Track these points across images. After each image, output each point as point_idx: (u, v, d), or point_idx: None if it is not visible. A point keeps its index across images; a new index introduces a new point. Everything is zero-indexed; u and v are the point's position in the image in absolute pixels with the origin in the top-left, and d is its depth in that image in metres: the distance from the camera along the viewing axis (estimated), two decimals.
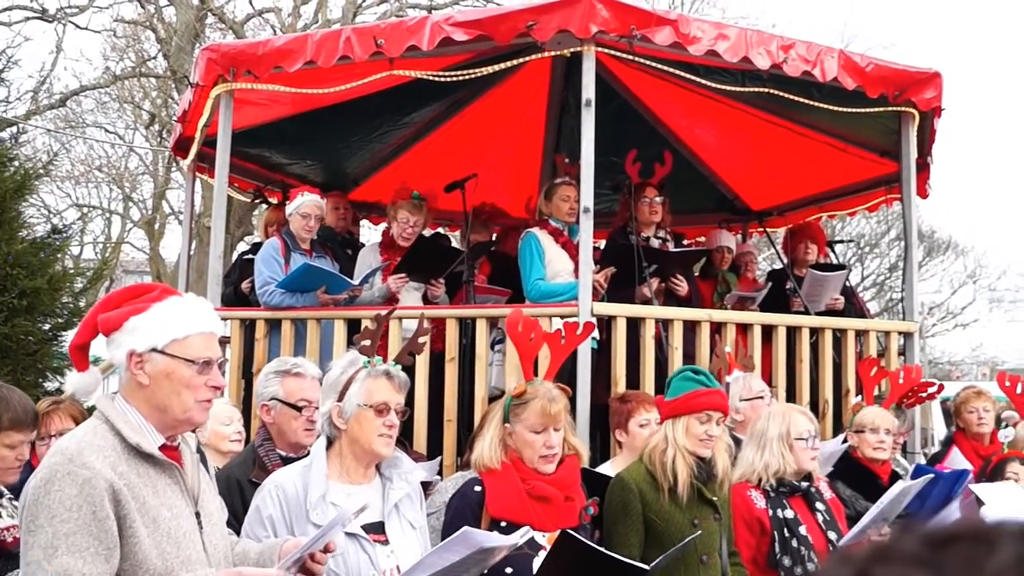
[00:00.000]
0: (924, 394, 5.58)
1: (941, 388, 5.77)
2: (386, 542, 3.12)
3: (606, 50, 5.25)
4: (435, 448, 5.24)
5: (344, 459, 3.16)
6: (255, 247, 6.90)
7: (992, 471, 4.53)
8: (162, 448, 2.51)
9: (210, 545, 2.58)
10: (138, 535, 2.37)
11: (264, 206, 7.89)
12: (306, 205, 6.09)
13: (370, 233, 10.11)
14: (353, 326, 5.48)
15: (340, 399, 3.13)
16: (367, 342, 3.36)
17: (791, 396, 5.60)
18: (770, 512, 4.02)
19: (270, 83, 5.71)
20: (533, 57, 5.43)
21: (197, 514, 2.57)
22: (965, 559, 0.56)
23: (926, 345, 35.19)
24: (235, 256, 8.59)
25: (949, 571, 0.55)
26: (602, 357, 5.42)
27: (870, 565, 0.56)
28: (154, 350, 2.50)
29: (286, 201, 6.46)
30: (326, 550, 2.78)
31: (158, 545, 2.41)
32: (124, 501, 2.36)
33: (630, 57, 5.25)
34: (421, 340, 3.64)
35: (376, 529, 3.12)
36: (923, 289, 35.59)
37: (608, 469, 4.58)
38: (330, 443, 3.19)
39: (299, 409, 3.82)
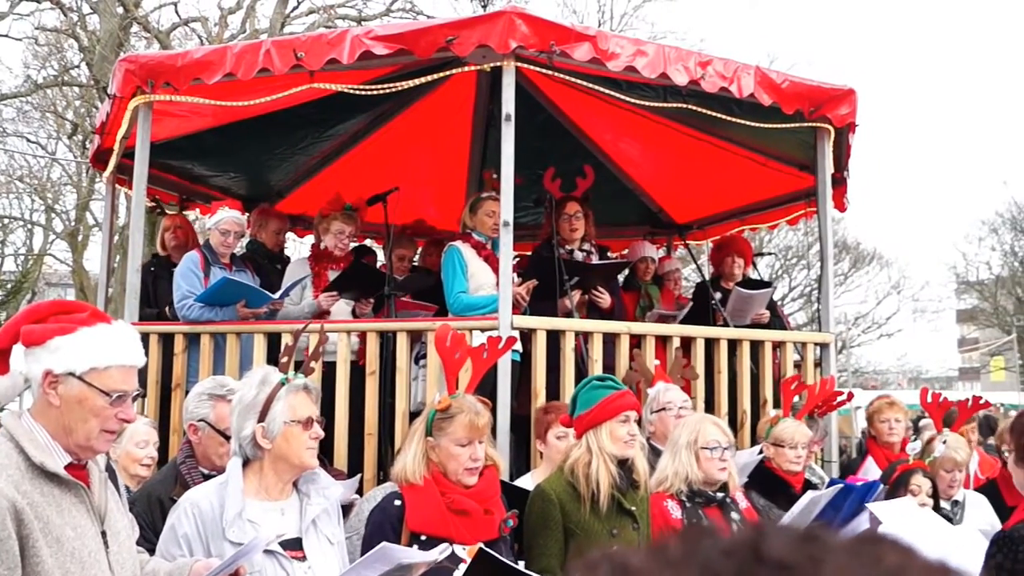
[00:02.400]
0: (835, 403, 5.71)
1: (850, 396, 5.91)
2: (303, 558, 3.10)
3: (526, 65, 5.28)
4: (356, 462, 5.22)
5: (264, 476, 3.14)
6: (157, 259, 6.84)
7: (895, 481, 4.62)
8: (69, 467, 2.48)
9: (117, 564, 2.55)
10: (40, 555, 2.33)
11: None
12: (226, 221, 6.05)
13: (295, 246, 10.04)
14: (273, 340, 5.45)
15: (262, 419, 3.11)
16: (285, 359, 3.36)
17: (710, 407, 5.68)
18: (685, 522, 4.07)
19: (189, 95, 5.65)
20: (455, 71, 5.45)
21: (103, 533, 2.54)
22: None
23: (852, 355, 35.89)
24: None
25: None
26: (524, 369, 5.46)
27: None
28: (71, 374, 2.47)
29: (183, 209, 6.39)
30: (236, 574, 2.76)
31: (61, 565, 2.37)
32: (27, 521, 2.32)
33: (550, 72, 5.29)
34: (321, 349, 3.65)
35: (293, 545, 3.10)
36: (849, 300, 36.36)
37: (529, 480, 4.60)
38: (246, 461, 3.17)
39: (227, 437, 3.78)
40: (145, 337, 5.48)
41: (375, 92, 5.66)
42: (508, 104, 5.17)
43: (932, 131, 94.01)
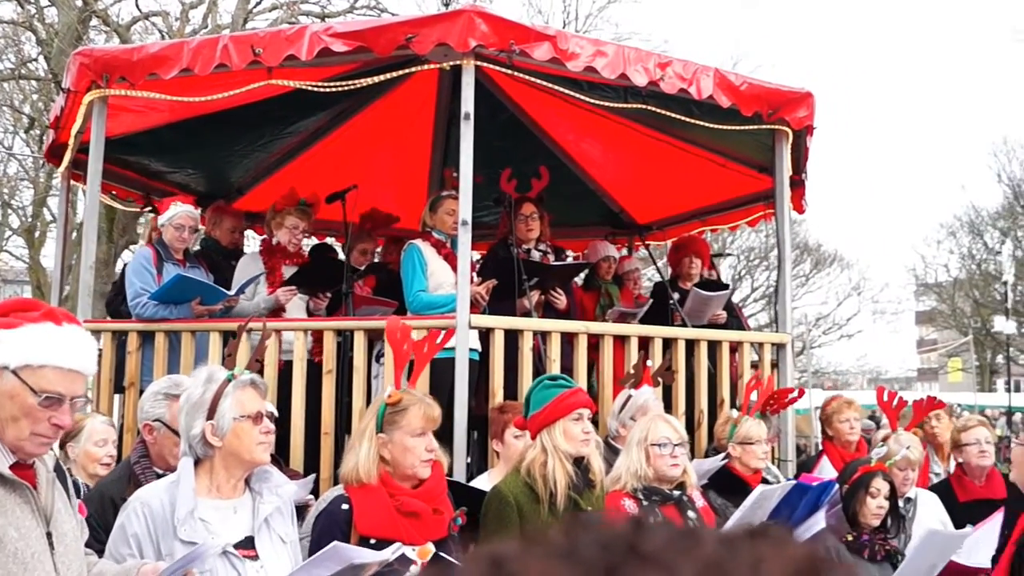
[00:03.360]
0: (787, 400, 5.77)
1: (801, 393, 5.98)
2: (256, 557, 3.08)
3: (486, 64, 5.28)
4: (312, 461, 5.18)
5: (215, 475, 3.11)
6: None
7: (856, 482, 4.65)
8: (14, 467, 2.44)
9: (62, 567, 2.51)
10: None
11: (152, 214, 7.72)
12: (179, 216, 5.98)
13: (255, 243, 9.96)
14: (229, 338, 5.40)
15: (211, 416, 3.08)
16: (231, 355, 3.33)
17: (667, 407, 5.70)
18: None
19: (145, 90, 5.59)
20: (414, 69, 5.43)
21: (49, 535, 2.50)
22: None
23: (813, 356, 36.22)
24: (121, 266, 8.38)
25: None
26: (483, 368, 5.45)
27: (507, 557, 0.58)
28: (6, 368, 2.43)
29: (147, 207, 6.32)
30: None
31: (3, 566, 2.34)
32: None
33: (510, 72, 5.29)
34: (267, 345, 3.63)
35: (246, 544, 3.07)
36: (810, 301, 36.72)
37: (486, 480, 4.60)
38: (197, 460, 3.14)
39: None
40: (98, 335, 5.50)
41: (335, 89, 5.62)
42: (467, 103, 5.16)
43: (893, 135, 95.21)
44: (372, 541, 3.37)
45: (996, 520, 4.58)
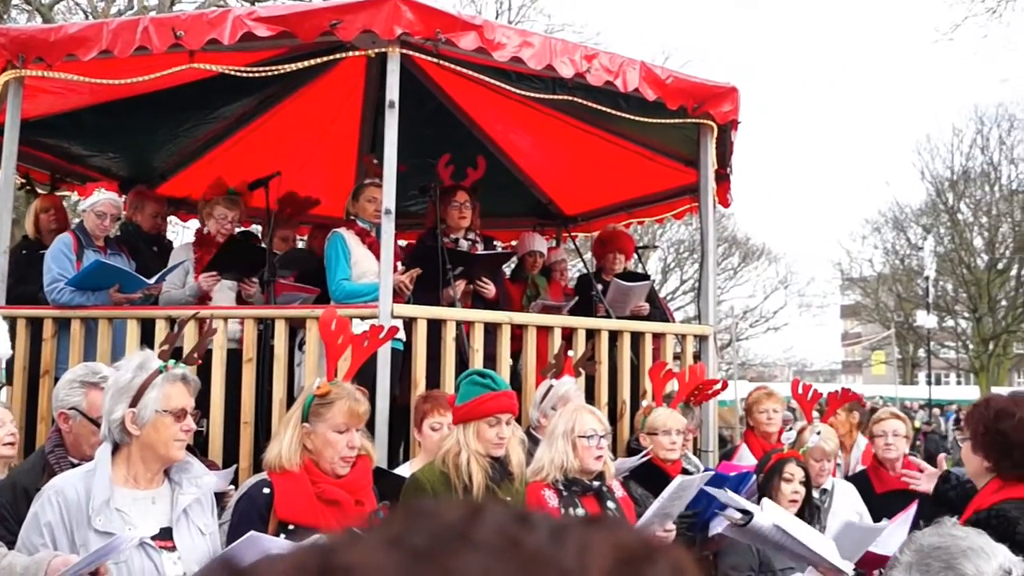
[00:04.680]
0: (710, 392, 5.85)
1: (725, 384, 6.07)
2: (173, 548, 3.05)
3: (411, 52, 5.25)
4: (231, 451, 5.13)
5: (132, 464, 3.07)
6: (27, 242, 6.61)
7: (770, 469, 4.74)
8: None
9: None
10: None
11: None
12: (102, 203, 5.87)
13: (178, 230, 9.82)
14: (147, 326, 5.32)
15: (134, 404, 3.03)
16: (166, 346, 3.29)
17: (590, 398, 5.74)
18: (562, 510, 4.11)
19: (63, 71, 5.45)
20: (340, 56, 5.39)
21: None
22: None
23: (740, 348, 36.75)
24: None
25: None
26: (406, 358, 5.44)
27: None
28: None
29: (55, 188, 6.19)
30: (95, 573, 2.70)
31: None
32: None
33: (436, 60, 5.27)
34: (207, 340, 3.58)
35: (163, 535, 3.04)
36: (737, 294, 37.28)
37: (407, 469, 4.60)
38: (115, 448, 3.09)
39: (100, 425, 3.68)
40: (12, 321, 5.37)
41: (259, 75, 5.55)
42: (392, 91, 5.13)
43: (821, 132, 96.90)
44: (291, 527, 3.35)
45: (911, 512, 4.68)
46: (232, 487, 4.42)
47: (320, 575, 0.57)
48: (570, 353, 5.36)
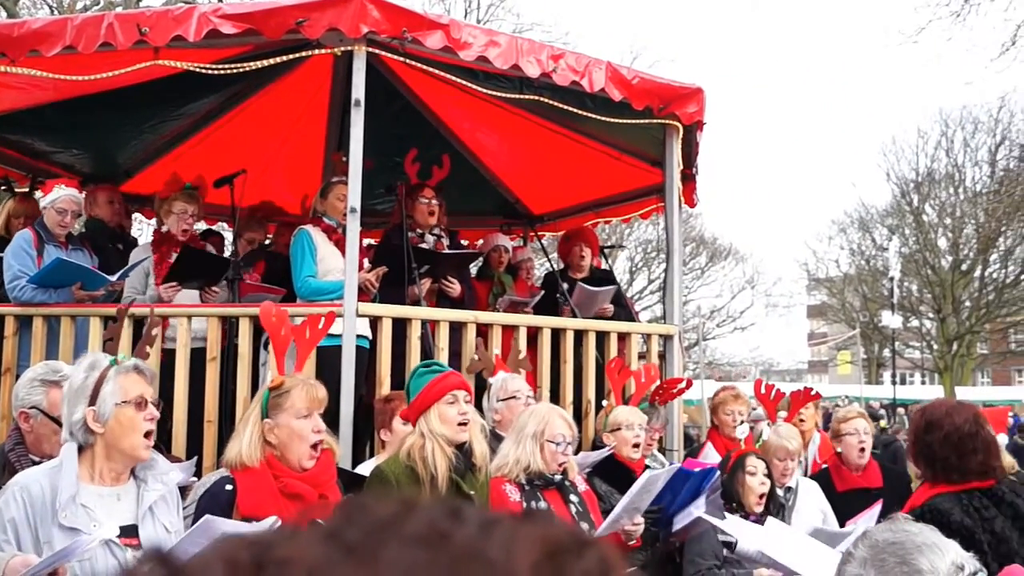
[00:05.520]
0: (674, 391, 5.89)
1: (690, 384, 6.11)
2: (138, 546, 3.04)
3: (378, 51, 5.25)
4: (195, 449, 5.11)
5: (98, 463, 3.06)
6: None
7: (733, 466, 4.79)
8: None
9: None
10: None
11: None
12: (62, 200, 5.82)
13: (144, 227, 9.74)
14: (111, 323, 5.28)
15: (92, 403, 3.03)
16: (111, 339, 3.28)
17: (555, 397, 5.76)
18: (524, 505, 4.14)
19: (26, 67, 5.40)
20: (305, 54, 5.37)
21: None
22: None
23: (707, 347, 36.92)
24: None
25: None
26: (372, 357, 5.43)
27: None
28: None
29: (34, 190, 6.13)
30: (54, 574, 2.69)
31: None
32: None
33: (402, 59, 5.27)
34: (154, 333, 3.57)
35: (129, 532, 3.03)
36: (705, 293, 37.43)
37: (370, 467, 4.59)
38: (80, 449, 3.08)
39: (61, 424, 3.65)
40: None
41: (225, 72, 5.52)
42: (358, 89, 5.12)
43: (788, 133, 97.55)
44: (254, 523, 3.35)
45: (875, 510, 4.75)
46: (195, 479, 4.41)
47: (253, 570, 0.57)
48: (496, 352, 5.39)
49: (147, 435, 3.10)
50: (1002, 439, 5.49)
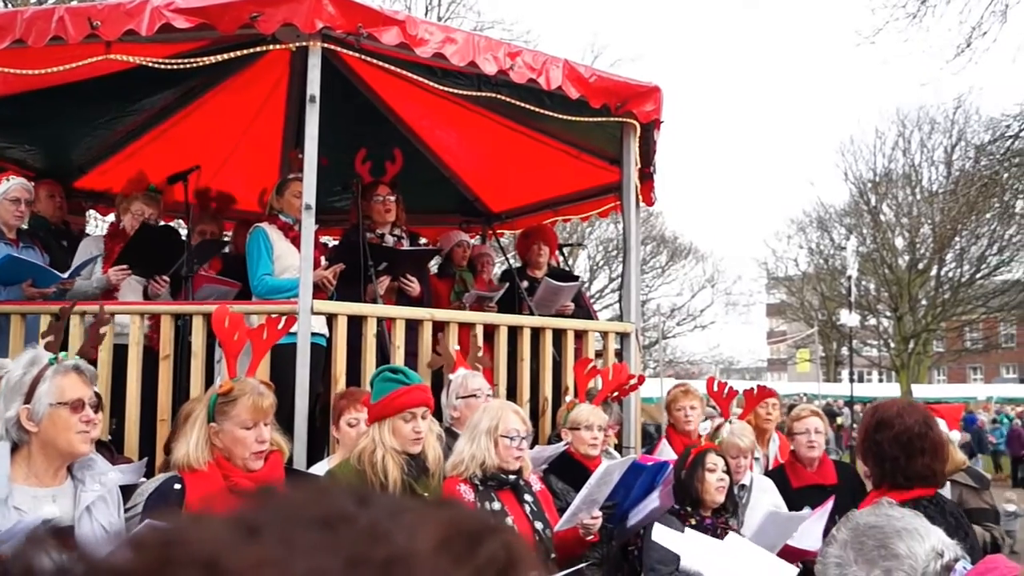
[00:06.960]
0: (626, 388, 5.92)
1: (642, 380, 6.15)
2: (72, 547, 2.99)
3: (333, 46, 5.21)
4: (148, 448, 5.05)
5: (33, 461, 3.01)
6: None
7: (692, 463, 4.81)
8: None
9: None
10: None
11: None
12: (14, 189, 5.74)
13: (99, 224, 9.61)
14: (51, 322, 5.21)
15: (28, 400, 2.98)
16: (51, 338, 3.23)
17: (512, 395, 5.76)
18: (478, 505, 4.13)
19: None
20: (260, 49, 5.31)
21: None
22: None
23: (668, 345, 37.13)
24: None
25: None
26: (329, 354, 5.40)
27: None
28: None
29: None
30: None
31: None
32: None
33: (358, 55, 5.24)
34: (102, 331, 3.53)
35: (65, 533, 2.98)
36: (665, 292, 37.64)
37: (324, 467, 4.57)
38: (15, 447, 3.04)
39: None
40: None
41: (179, 67, 5.46)
42: (313, 85, 5.09)
43: (748, 132, 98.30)
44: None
45: (828, 506, 4.80)
46: (145, 480, 4.36)
47: (158, 550, 0.58)
48: (456, 348, 5.39)
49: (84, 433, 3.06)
50: (955, 436, 5.55)
